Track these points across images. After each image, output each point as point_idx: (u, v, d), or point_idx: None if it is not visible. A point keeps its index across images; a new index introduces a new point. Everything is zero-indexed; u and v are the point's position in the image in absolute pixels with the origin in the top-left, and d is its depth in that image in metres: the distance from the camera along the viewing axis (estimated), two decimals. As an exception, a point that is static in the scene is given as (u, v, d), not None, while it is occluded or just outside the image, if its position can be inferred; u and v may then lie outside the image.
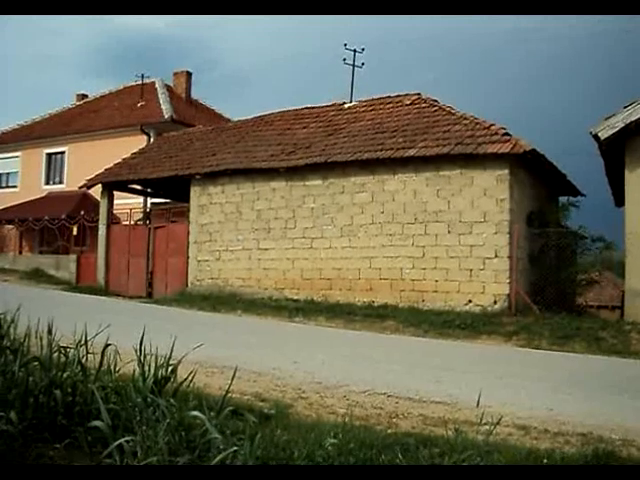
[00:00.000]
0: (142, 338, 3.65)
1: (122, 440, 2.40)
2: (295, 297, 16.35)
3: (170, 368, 3.47)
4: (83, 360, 3.57)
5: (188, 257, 19.13)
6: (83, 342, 3.91)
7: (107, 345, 3.66)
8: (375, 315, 14.43)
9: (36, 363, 3.54)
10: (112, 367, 3.82)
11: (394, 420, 5.57)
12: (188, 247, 19.13)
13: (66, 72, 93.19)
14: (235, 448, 2.54)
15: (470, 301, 14.38)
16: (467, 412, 5.73)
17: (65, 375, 3.41)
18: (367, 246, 15.70)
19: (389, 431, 4.88)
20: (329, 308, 15.14)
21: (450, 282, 14.66)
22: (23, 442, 2.80)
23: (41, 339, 4.03)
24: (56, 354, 3.61)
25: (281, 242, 17.07)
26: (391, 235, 15.42)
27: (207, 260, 18.62)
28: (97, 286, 21.77)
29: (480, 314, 13.82)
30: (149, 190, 24.14)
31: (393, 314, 14.36)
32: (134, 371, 3.79)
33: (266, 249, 17.35)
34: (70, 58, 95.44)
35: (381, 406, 6.08)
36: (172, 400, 3.13)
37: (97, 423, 2.61)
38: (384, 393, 6.58)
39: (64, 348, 3.69)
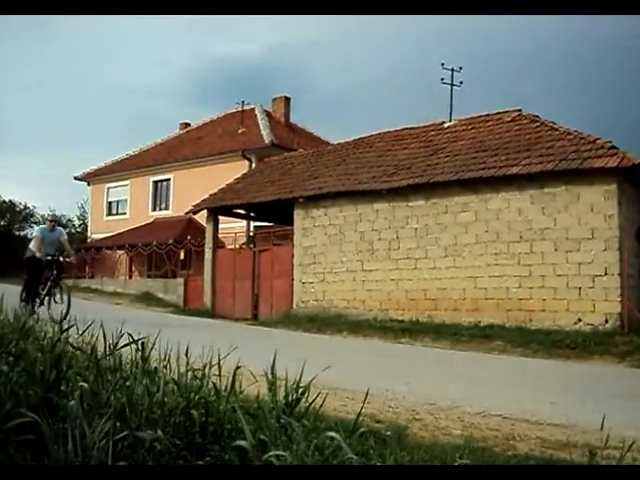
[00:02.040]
0: (274, 361, 3.80)
1: (269, 455, 2.53)
2: (400, 318, 16.36)
3: (300, 390, 3.61)
4: (215, 381, 3.74)
5: (293, 279, 19.44)
6: (212, 364, 4.09)
7: (237, 367, 3.83)
8: (482, 335, 14.26)
9: (171, 385, 3.73)
10: (238, 388, 3.97)
11: (511, 442, 5.52)
12: (292, 269, 19.45)
13: (169, 101, 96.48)
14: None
15: (580, 320, 14.04)
16: (587, 435, 5.61)
17: (198, 396, 3.57)
18: (472, 265, 15.59)
19: (509, 453, 4.87)
20: (435, 329, 15.07)
21: (558, 301, 14.37)
22: (168, 459, 2.98)
23: (169, 361, 4.25)
24: (189, 375, 3.80)
25: (385, 263, 17.15)
26: (496, 254, 15.26)
27: (312, 282, 18.88)
28: (204, 308, 22.36)
29: (590, 333, 13.46)
30: (252, 214, 24.69)
31: (500, 334, 14.16)
32: (258, 392, 3.94)
33: (370, 270, 17.46)
34: (173, 88, 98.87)
35: (497, 428, 6.03)
36: (305, 421, 3.26)
37: (242, 443, 2.75)
38: (499, 415, 6.52)
39: (196, 370, 3.88)
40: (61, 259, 14.20)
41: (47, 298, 13.70)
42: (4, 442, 2.76)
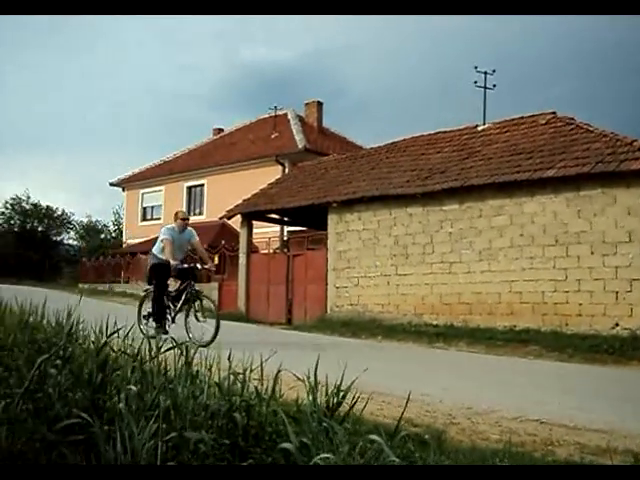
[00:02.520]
0: (316, 365, 3.85)
1: (316, 458, 2.57)
2: (434, 322, 16.32)
3: (341, 394, 3.66)
4: (257, 385, 3.80)
5: (327, 284, 19.48)
6: (253, 368, 4.14)
7: (279, 371, 3.88)
8: (517, 340, 14.17)
9: (213, 388, 3.79)
10: (278, 392, 4.01)
11: (550, 448, 5.49)
12: (326, 274, 19.49)
13: (202, 107, 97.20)
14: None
15: (617, 324, 13.86)
16: (628, 441, 5.57)
17: (240, 400, 3.63)
18: (507, 270, 15.48)
19: (549, 459, 4.85)
20: (469, 333, 15.01)
21: (595, 305, 14.20)
22: (213, 461, 3.03)
23: (211, 365, 4.31)
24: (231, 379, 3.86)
25: (419, 267, 17.11)
26: (531, 258, 15.15)
27: (346, 286, 18.91)
28: (238, 313, 22.45)
29: (629, 338, 13.28)
30: (286, 219, 24.77)
31: (536, 339, 14.06)
32: (297, 396, 3.99)
33: (404, 275, 17.43)
34: (205, 93, 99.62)
35: (535, 433, 6.00)
36: (346, 424, 3.31)
37: (287, 445, 2.80)
38: (536, 420, 6.49)
39: (237, 374, 3.93)
40: (199, 266, 12.11)
41: (183, 315, 11.67)
42: (56, 442, 2.84)
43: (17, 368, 3.90)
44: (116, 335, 4.66)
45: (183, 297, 11.64)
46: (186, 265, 11.87)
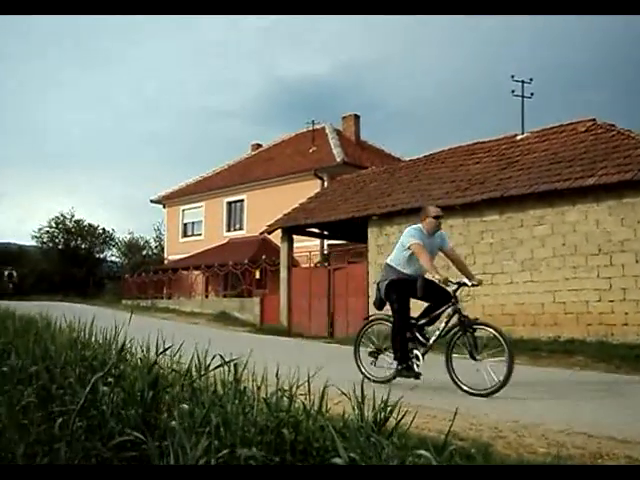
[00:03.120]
0: (363, 381, 3.88)
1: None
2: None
3: (389, 409, 3.68)
4: (304, 401, 3.84)
5: (368, 297, 19.44)
6: (299, 384, 4.18)
7: (325, 386, 3.91)
8: (562, 350, 13.99)
9: (261, 404, 3.84)
10: (325, 407, 4.04)
11: (599, 461, 5.43)
12: (367, 287, 19.46)
13: (241, 123, 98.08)
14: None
15: (664, 334, 13.67)
16: (679, 454, 5.49)
17: (288, 416, 3.66)
18: (550, 280, 15.34)
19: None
20: (513, 344, 14.75)
21: (641, 314, 14.01)
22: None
23: (261, 381, 4.36)
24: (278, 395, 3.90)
25: (461, 279, 16.96)
26: (574, 267, 14.99)
27: (387, 299, 18.83)
28: (280, 327, 22.54)
29: (677, 347, 13.09)
30: (326, 233, 24.83)
31: (581, 349, 13.86)
32: (343, 411, 4.02)
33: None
34: (243, 109, 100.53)
35: (583, 446, 5.92)
36: (394, 439, 3.33)
37: (337, 460, 2.83)
38: (584, 432, 6.40)
39: (285, 390, 3.98)
40: (467, 283, 8.88)
41: (446, 351, 8.68)
42: (111, 459, 2.91)
43: (69, 386, 3.99)
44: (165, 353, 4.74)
45: (443, 326, 8.81)
46: (453, 281, 8.83)
